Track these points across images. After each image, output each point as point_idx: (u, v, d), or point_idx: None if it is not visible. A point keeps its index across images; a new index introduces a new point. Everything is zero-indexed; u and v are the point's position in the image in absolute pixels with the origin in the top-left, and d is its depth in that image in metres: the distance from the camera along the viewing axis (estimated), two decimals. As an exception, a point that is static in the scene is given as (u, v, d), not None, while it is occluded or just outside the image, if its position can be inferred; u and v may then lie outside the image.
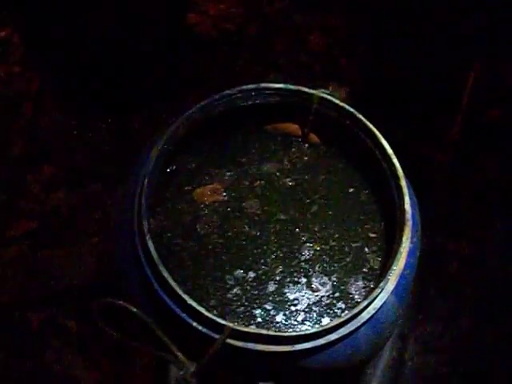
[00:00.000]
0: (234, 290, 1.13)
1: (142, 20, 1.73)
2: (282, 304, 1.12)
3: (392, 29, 1.75)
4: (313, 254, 1.17)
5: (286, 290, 1.13)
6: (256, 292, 1.13)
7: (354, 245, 1.19)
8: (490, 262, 1.64)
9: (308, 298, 1.12)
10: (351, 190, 1.25)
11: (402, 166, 1.13)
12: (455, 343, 1.57)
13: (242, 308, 1.11)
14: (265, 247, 1.17)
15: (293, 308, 1.11)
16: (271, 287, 1.13)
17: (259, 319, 1.10)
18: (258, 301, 1.12)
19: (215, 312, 1.09)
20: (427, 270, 1.60)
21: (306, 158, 1.28)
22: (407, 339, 1.57)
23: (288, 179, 1.26)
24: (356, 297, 1.13)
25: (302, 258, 1.16)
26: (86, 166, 1.75)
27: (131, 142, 1.74)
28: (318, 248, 1.17)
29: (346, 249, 1.18)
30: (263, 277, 1.14)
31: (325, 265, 1.16)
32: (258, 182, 1.24)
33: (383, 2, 1.75)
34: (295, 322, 1.10)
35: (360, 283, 1.15)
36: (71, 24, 1.73)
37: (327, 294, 1.13)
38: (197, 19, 1.86)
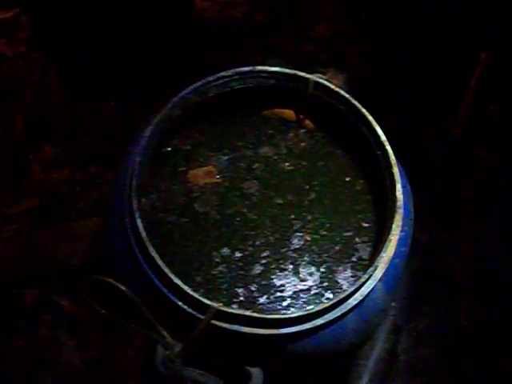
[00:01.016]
0: (220, 268, 1.13)
1: (147, 4, 1.73)
2: (267, 288, 1.11)
3: (397, 18, 1.74)
4: (303, 244, 1.16)
5: (273, 276, 1.13)
6: (241, 272, 1.13)
7: (345, 234, 1.18)
8: (487, 256, 1.63)
9: (294, 286, 1.12)
10: (348, 179, 1.24)
11: (395, 154, 1.12)
12: (449, 337, 1.56)
13: (225, 285, 1.11)
14: (258, 230, 1.17)
15: (278, 294, 1.11)
16: (257, 269, 1.13)
17: (242, 298, 1.10)
18: (242, 281, 1.12)
19: (201, 290, 1.10)
20: (423, 263, 1.60)
21: (302, 144, 1.27)
22: (401, 332, 1.57)
23: (287, 164, 1.25)
24: (344, 286, 1.12)
25: (292, 247, 1.16)
26: (87, 147, 1.76)
27: (133, 124, 1.74)
28: (309, 238, 1.17)
29: (337, 238, 1.18)
30: (249, 258, 1.14)
31: (314, 255, 1.15)
32: (257, 165, 1.24)
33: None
34: (279, 307, 1.10)
35: (348, 272, 1.14)
36: (76, 7, 1.73)
37: (315, 283, 1.13)
38: (204, 5, 1.85)
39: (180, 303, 1.02)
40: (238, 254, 1.15)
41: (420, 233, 1.61)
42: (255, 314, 1.00)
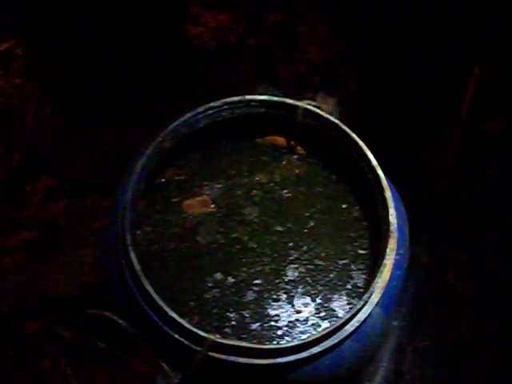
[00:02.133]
0: (212, 292, 1.13)
1: (141, 34, 1.74)
2: (261, 316, 1.12)
3: (390, 39, 1.74)
4: (297, 276, 1.17)
5: (267, 305, 1.13)
6: (234, 298, 1.13)
7: (340, 262, 1.19)
8: (488, 272, 1.62)
9: (289, 316, 1.12)
10: (344, 205, 1.25)
11: (388, 177, 1.13)
12: (453, 355, 1.55)
13: (217, 310, 1.12)
14: (256, 258, 1.18)
15: (272, 323, 1.11)
16: (250, 296, 1.13)
17: (234, 323, 1.10)
18: (235, 306, 1.12)
19: (194, 315, 1.10)
20: (425, 280, 1.60)
21: (297, 171, 1.28)
22: (405, 351, 1.56)
23: (285, 190, 1.26)
24: (340, 314, 1.12)
25: (286, 279, 1.16)
26: (85, 177, 1.76)
27: (130, 154, 1.74)
28: (303, 270, 1.17)
29: (332, 267, 1.18)
30: (242, 284, 1.15)
31: (308, 287, 1.15)
32: (255, 191, 1.25)
33: (381, 14, 1.74)
34: (273, 335, 1.10)
35: (344, 300, 1.14)
36: (72, 37, 1.74)
37: (310, 314, 1.13)
38: (196, 31, 1.86)
39: (176, 336, 1.02)
40: (230, 280, 1.15)
41: (420, 249, 1.60)
42: (252, 345, 1.00)
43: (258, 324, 1.11)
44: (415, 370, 1.55)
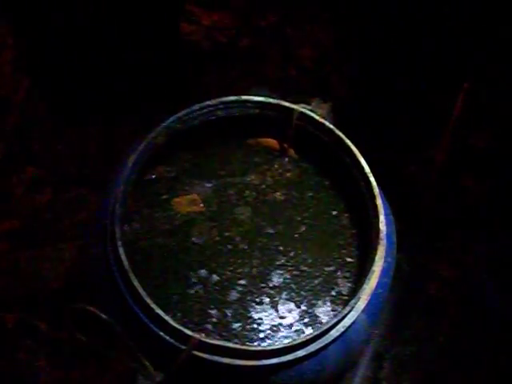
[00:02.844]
0: (196, 288, 1.14)
1: (134, 30, 1.73)
2: (243, 317, 1.12)
3: (381, 48, 1.75)
4: (282, 282, 1.17)
5: (250, 308, 1.13)
6: (218, 296, 1.14)
7: (327, 269, 1.19)
8: (470, 284, 1.64)
9: (272, 320, 1.13)
10: (334, 212, 1.25)
11: (378, 185, 1.13)
12: (431, 364, 1.56)
13: (199, 305, 1.12)
14: (246, 260, 1.18)
15: (255, 325, 1.12)
16: (233, 296, 1.14)
17: (215, 320, 1.11)
18: (217, 304, 1.13)
19: (178, 314, 1.10)
20: (406, 289, 1.60)
21: (288, 174, 1.28)
22: (383, 359, 1.57)
23: (278, 193, 1.26)
24: (324, 320, 1.13)
25: (270, 284, 1.17)
26: (71, 170, 1.75)
27: (118, 148, 1.73)
28: (288, 276, 1.18)
29: (317, 273, 1.18)
30: (225, 283, 1.15)
31: (292, 293, 1.16)
32: (248, 192, 1.25)
33: (373, 25, 1.75)
34: (255, 337, 1.10)
35: (328, 306, 1.15)
36: (65, 30, 1.73)
37: (295, 320, 1.13)
38: (190, 29, 1.85)
39: (161, 333, 1.01)
40: (215, 277, 1.16)
41: (402, 259, 1.61)
42: (237, 346, 0.99)
43: (239, 324, 1.11)
44: (392, 377, 1.55)
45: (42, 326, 1.56)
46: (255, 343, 1.09)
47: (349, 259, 1.20)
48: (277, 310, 1.13)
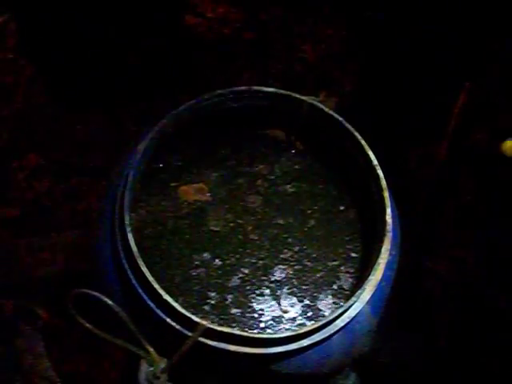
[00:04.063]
0: (198, 271, 1.15)
1: (139, 19, 1.73)
2: (244, 304, 1.14)
3: (385, 45, 1.76)
4: (283, 277, 1.18)
5: (251, 297, 1.15)
6: (219, 280, 1.15)
7: (330, 263, 1.20)
8: (468, 283, 1.64)
9: (273, 312, 1.14)
10: (342, 207, 1.26)
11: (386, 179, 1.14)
12: (429, 362, 1.57)
13: (199, 287, 1.14)
14: (254, 249, 1.19)
15: (255, 315, 1.13)
16: (234, 282, 1.15)
17: (213, 302, 1.13)
18: (218, 288, 1.14)
19: (179, 296, 1.12)
20: (403, 285, 1.61)
21: (296, 166, 1.29)
22: (381, 354, 1.57)
23: (288, 186, 1.27)
24: (326, 313, 1.14)
25: (272, 279, 1.17)
26: (73, 159, 1.75)
27: (120, 138, 1.73)
28: (291, 271, 1.18)
29: (320, 267, 1.19)
30: (228, 268, 1.16)
31: (294, 288, 1.17)
32: (260, 182, 1.26)
33: (378, 17, 1.76)
34: (255, 325, 1.11)
35: (330, 299, 1.16)
36: (68, 17, 1.73)
37: (297, 314, 1.14)
38: (194, 21, 1.86)
39: (168, 320, 1.01)
40: (217, 262, 1.16)
41: (400, 256, 1.62)
42: (244, 333, 1.00)
43: (238, 310, 1.13)
44: (390, 373, 1.56)
45: (41, 312, 1.56)
46: (255, 331, 1.10)
47: (353, 254, 1.21)
48: (279, 304, 1.14)
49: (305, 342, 1.03)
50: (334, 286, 1.17)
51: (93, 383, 1.49)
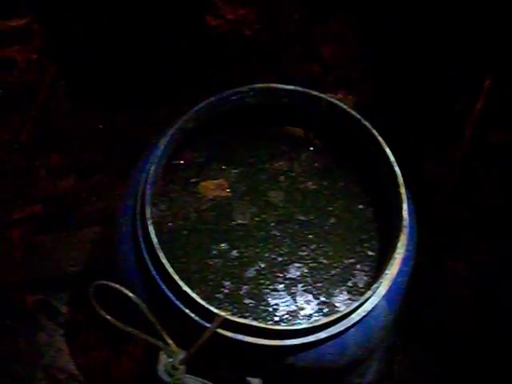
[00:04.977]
0: (216, 260, 1.18)
1: (160, 19, 1.75)
2: (258, 296, 1.15)
3: (403, 44, 1.76)
4: (298, 275, 1.19)
5: (266, 290, 1.16)
6: (235, 271, 1.17)
7: (346, 261, 1.21)
8: (483, 283, 1.64)
9: (288, 307, 1.15)
10: (361, 206, 1.27)
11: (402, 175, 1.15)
12: (444, 361, 1.57)
13: (214, 276, 1.16)
14: (275, 246, 1.21)
15: (270, 309, 1.14)
16: (250, 274, 1.17)
17: (227, 291, 1.15)
18: (233, 278, 1.16)
19: (196, 285, 1.13)
20: (422, 284, 1.61)
21: (316, 164, 1.30)
22: (396, 352, 1.58)
23: (310, 182, 1.28)
24: (341, 309, 1.15)
25: (287, 276, 1.19)
26: (95, 157, 1.77)
27: (142, 137, 1.75)
28: (306, 270, 1.20)
29: (336, 264, 1.21)
30: (245, 259, 1.18)
31: (308, 286, 1.18)
32: (282, 178, 1.28)
33: (395, 18, 1.77)
34: (268, 318, 1.13)
35: (345, 295, 1.17)
36: (92, 19, 1.75)
37: (313, 311, 1.15)
38: (215, 22, 1.88)
39: (187, 311, 1.03)
40: (234, 253, 1.19)
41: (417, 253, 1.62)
42: (261, 325, 1.01)
43: (252, 301, 1.14)
44: (405, 371, 1.56)
45: (62, 307, 1.59)
46: (269, 322, 1.12)
47: (370, 252, 1.22)
48: (295, 300, 1.15)
49: (321, 335, 1.04)
50: (349, 283, 1.18)
51: (112, 377, 1.51)
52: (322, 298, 1.16)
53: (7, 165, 1.74)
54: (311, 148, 1.31)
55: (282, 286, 1.17)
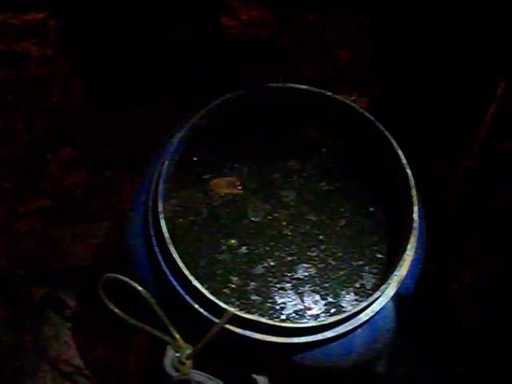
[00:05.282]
0: (224, 256, 1.18)
1: (177, 18, 1.76)
2: (265, 293, 1.16)
3: (417, 47, 1.77)
4: (306, 275, 1.19)
5: (273, 289, 1.16)
6: (244, 267, 1.18)
7: (354, 263, 1.21)
8: (488, 285, 1.64)
9: (295, 306, 1.15)
10: (372, 209, 1.27)
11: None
12: (449, 364, 1.57)
13: (222, 271, 1.16)
14: (285, 245, 1.22)
15: (277, 307, 1.15)
16: (259, 270, 1.17)
17: (234, 286, 1.15)
18: (241, 274, 1.17)
19: (204, 280, 1.14)
20: (427, 288, 1.62)
21: (328, 165, 1.31)
22: (401, 354, 1.58)
23: (323, 183, 1.29)
24: (348, 309, 1.15)
25: (294, 276, 1.19)
26: (106, 153, 1.78)
27: (153, 133, 1.76)
28: (314, 270, 1.20)
29: (344, 266, 1.21)
30: (254, 256, 1.19)
31: (316, 286, 1.18)
32: (294, 178, 1.28)
33: (409, 21, 1.77)
34: (275, 316, 1.13)
35: (352, 296, 1.17)
36: (107, 14, 1.76)
37: (320, 311, 1.15)
38: (230, 23, 1.89)
39: (196, 305, 1.04)
40: (243, 249, 1.19)
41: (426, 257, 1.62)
42: (270, 321, 1.02)
43: (259, 298, 1.15)
44: (411, 373, 1.56)
45: (69, 301, 1.59)
46: (276, 320, 1.12)
47: (379, 255, 1.22)
48: (302, 301, 1.16)
49: (329, 334, 1.05)
50: (357, 285, 1.18)
51: (118, 371, 1.52)
52: (330, 299, 1.16)
53: (18, 158, 1.75)
54: (324, 149, 1.32)
55: (289, 285, 1.17)
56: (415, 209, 1.12)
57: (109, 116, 1.82)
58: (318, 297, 1.16)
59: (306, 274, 1.19)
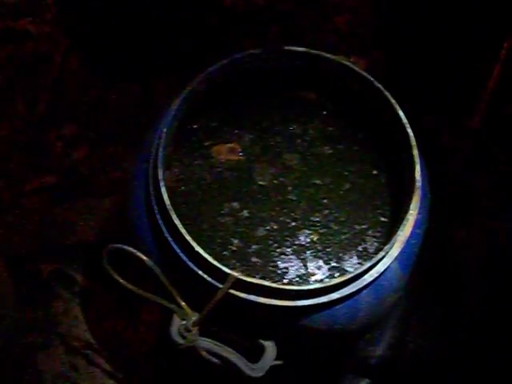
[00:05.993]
0: (226, 219, 1.18)
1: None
2: (266, 256, 1.15)
3: (419, 6, 1.74)
4: (308, 242, 1.18)
5: (275, 253, 1.16)
6: (245, 230, 1.17)
7: (357, 227, 1.20)
8: (498, 253, 1.64)
9: (297, 271, 1.15)
10: (375, 171, 1.26)
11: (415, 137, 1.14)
12: (457, 328, 1.57)
13: (223, 233, 1.16)
14: (290, 210, 1.21)
15: (279, 272, 1.14)
16: (260, 233, 1.17)
17: (234, 248, 1.15)
18: (242, 237, 1.17)
19: (205, 243, 1.14)
20: (434, 254, 1.61)
21: (330, 128, 1.30)
22: (409, 321, 1.58)
23: (326, 147, 1.28)
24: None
25: (296, 242, 1.18)
26: (109, 128, 1.78)
27: (155, 106, 1.76)
28: (317, 236, 1.19)
29: (346, 230, 1.20)
30: (256, 219, 1.18)
31: (318, 252, 1.17)
32: (298, 141, 1.27)
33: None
34: (277, 279, 1.13)
35: (355, 260, 1.16)
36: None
37: (324, 276, 1.15)
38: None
39: (200, 272, 1.04)
40: (245, 213, 1.19)
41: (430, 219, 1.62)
42: (273, 285, 1.02)
43: (260, 260, 1.14)
44: (419, 339, 1.57)
45: (77, 276, 1.60)
46: (278, 282, 1.12)
47: (382, 218, 1.21)
48: (306, 266, 1.15)
49: (334, 296, 1.04)
50: (359, 248, 1.18)
51: (128, 345, 1.53)
52: (333, 263, 1.16)
53: (21, 136, 1.75)
54: (324, 112, 1.30)
55: (290, 250, 1.16)
56: (417, 167, 1.11)
57: (109, 91, 1.81)
58: (321, 262, 1.16)
59: (308, 240, 1.18)
